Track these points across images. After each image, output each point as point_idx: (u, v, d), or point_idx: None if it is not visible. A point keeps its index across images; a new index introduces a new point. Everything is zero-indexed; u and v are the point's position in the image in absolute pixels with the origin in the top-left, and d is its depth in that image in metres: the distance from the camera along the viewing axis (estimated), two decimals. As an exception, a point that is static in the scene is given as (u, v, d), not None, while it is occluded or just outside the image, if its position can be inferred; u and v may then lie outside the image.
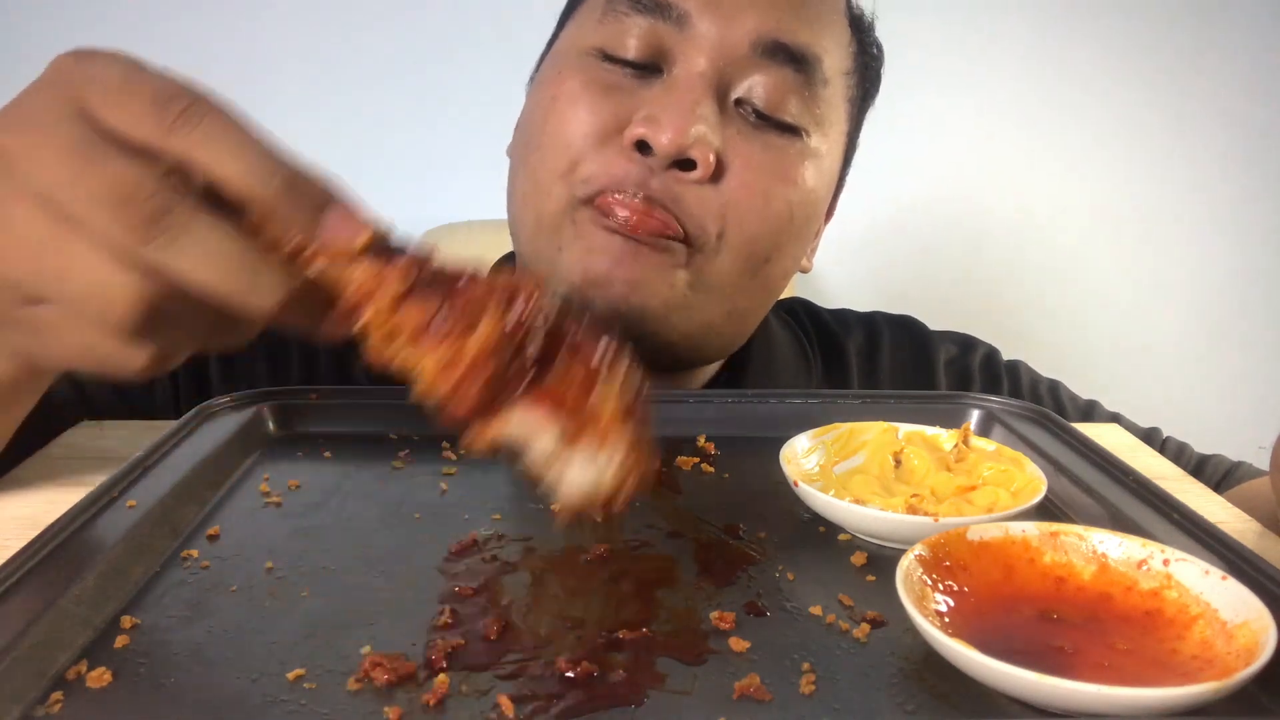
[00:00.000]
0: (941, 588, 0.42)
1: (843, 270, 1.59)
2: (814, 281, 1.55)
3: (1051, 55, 1.61)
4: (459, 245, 1.31)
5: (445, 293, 0.40)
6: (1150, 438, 0.82)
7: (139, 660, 0.39)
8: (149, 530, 0.48)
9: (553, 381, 0.40)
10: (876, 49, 0.80)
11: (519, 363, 0.40)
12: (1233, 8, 1.60)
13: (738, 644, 0.40)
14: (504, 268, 0.43)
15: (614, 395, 0.41)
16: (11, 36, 1.50)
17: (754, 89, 0.70)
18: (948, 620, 0.40)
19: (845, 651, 0.40)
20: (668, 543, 0.50)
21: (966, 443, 0.58)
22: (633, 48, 0.69)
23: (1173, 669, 0.38)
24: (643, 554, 0.49)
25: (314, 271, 0.40)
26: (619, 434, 0.41)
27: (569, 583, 0.46)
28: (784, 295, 0.84)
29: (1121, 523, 0.50)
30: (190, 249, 0.38)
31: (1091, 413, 0.89)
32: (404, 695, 0.36)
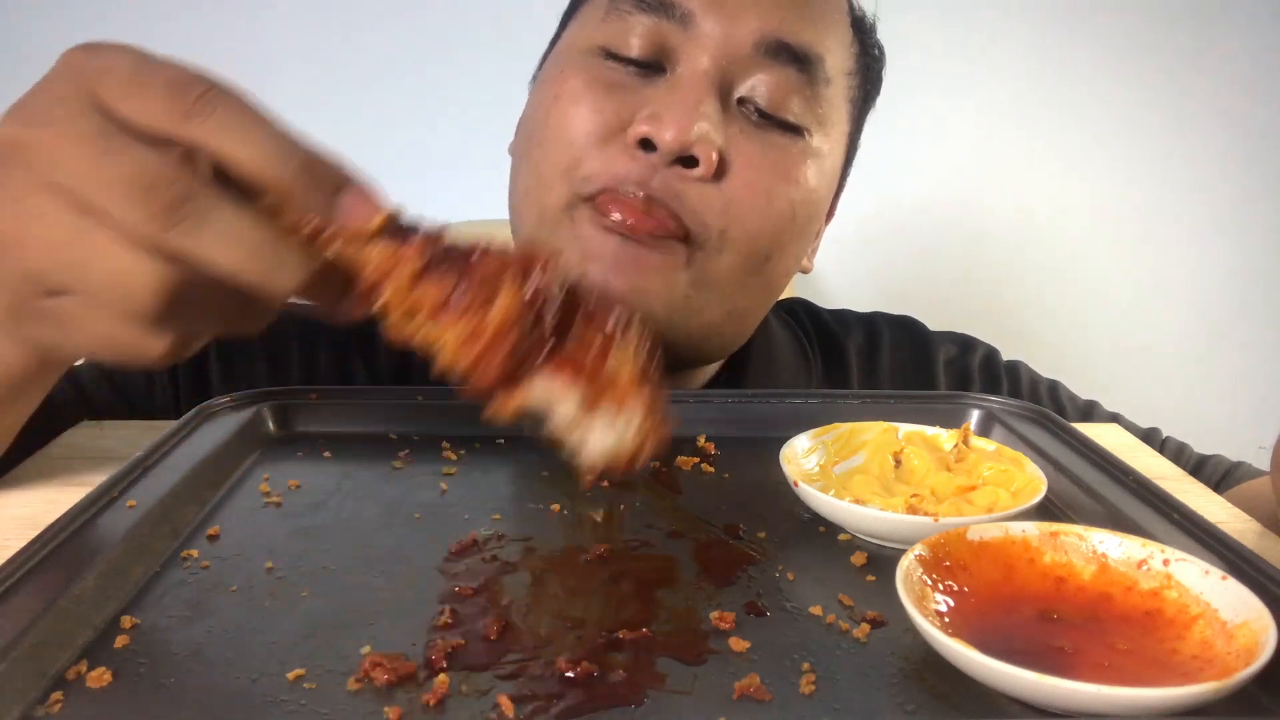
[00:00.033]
0: (941, 588, 0.42)
1: (843, 270, 1.59)
2: (814, 282, 1.55)
3: (1051, 55, 1.61)
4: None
5: (461, 268, 0.40)
6: (1150, 438, 0.82)
7: (139, 660, 0.39)
8: (149, 530, 0.48)
9: (571, 349, 0.42)
10: (878, 50, 0.81)
11: (539, 332, 0.41)
12: (1233, 8, 1.60)
13: (738, 644, 0.40)
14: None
15: (630, 360, 0.42)
16: (11, 36, 1.50)
17: (757, 88, 0.70)
18: (948, 620, 0.40)
19: (845, 651, 0.40)
20: (668, 543, 0.50)
21: (966, 443, 0.58)
22: (636, 46, 0.70)
23: (1173, 669, 0.38)
24: (643, 554, 0.49)
25: (332, 253, 0.41)
26: (636, 398, 0.42)
27: (569, 583, 0.46)
28: (784, 295, 0.84)
29: (1121, 523, 0.50)
30: (213, 233, 0.39)
31: (1091, 413, 0.89)
32: (404, 695, 0.36)
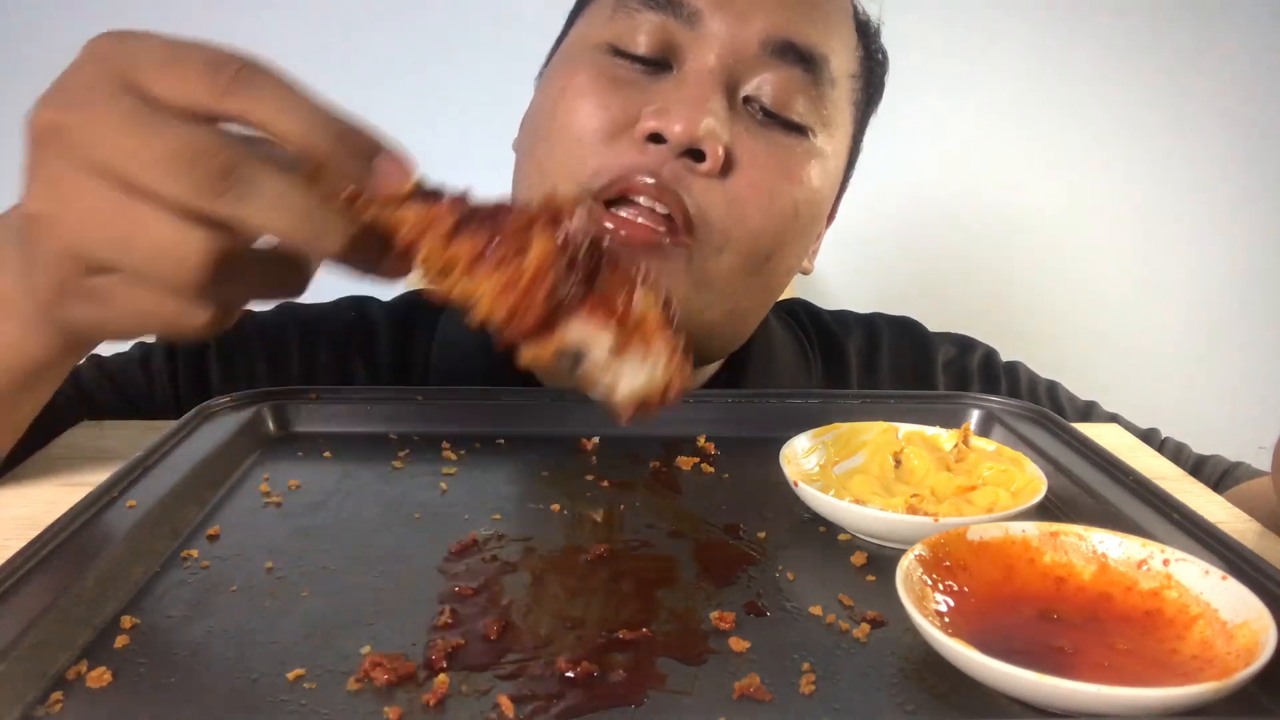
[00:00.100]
0: (941, 588, 0.42)
1: (843, 270, 1.59)
2: (814, 282, 1.55)
3: (1051, 55, 1.61)
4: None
5: (493, 223, 0.42)
6: (1149, 438, 0.82)
7: (139, 660, 0.39)
8: (149, 530, 0.48)
9: (601, 292, 0.43)
10: (882, 55, 0.81)
11: (572, 276, 0.43)
12: (1233, 8, 1.60)
13: (738, 644, 0.40)
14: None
15: (654, 304, 0.44)
16: (12, 36, 1.50)
17: (762, 87, 0.70)
18: (948, 620, 0.40)
19: (845, 651, 0.40)
20: (668, 543, 0.50)
21: (966, 443, 0.58)
22: (643, 43, 0.70)
23: (1173, 669, 0.38)
24: (643, 554, 0.49)
25: (369, 216, 0.43)
26: (662, 339, 0.44)
27: (569, 583, 0.46)
28: (784, 296, 0.84)
29: (1121, 523, 0.50)
30: (262, 198, 0.40)
31: (1090, 413, 0.90)
32: (404, 695, 0.36)
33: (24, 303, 0.48)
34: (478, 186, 0.44)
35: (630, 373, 0.44)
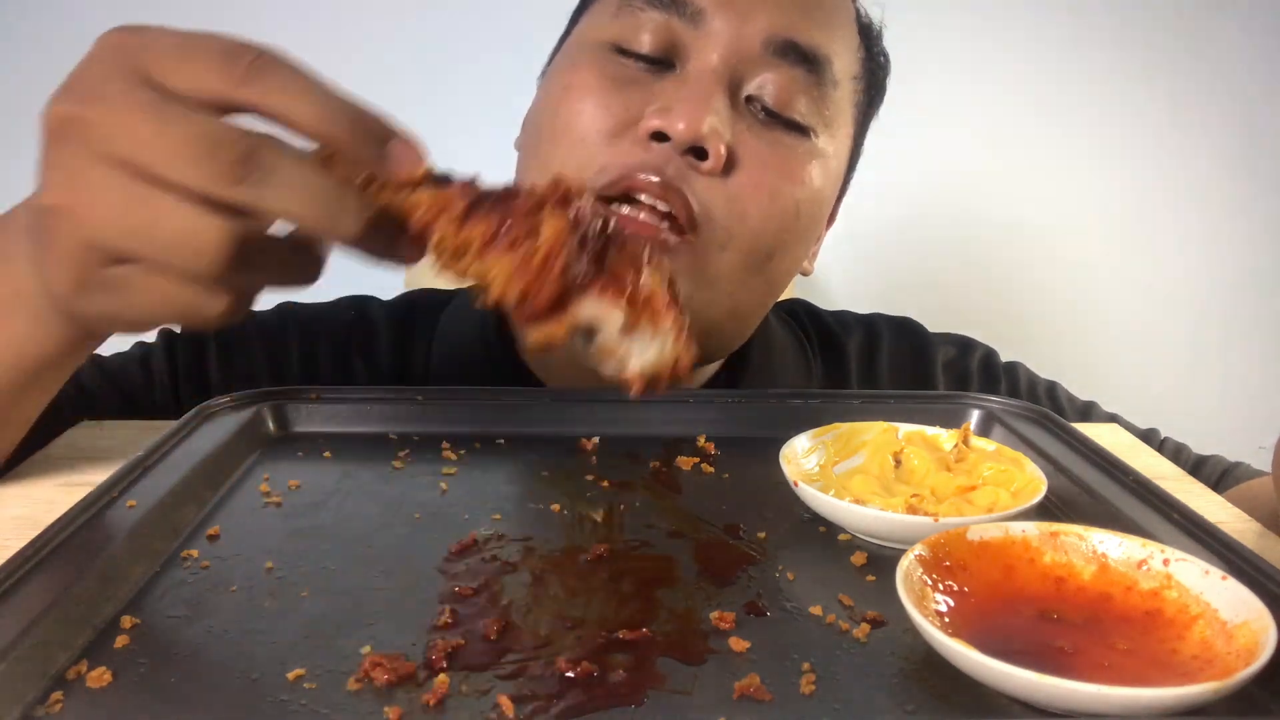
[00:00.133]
0: (941, 588, 0.42)
1: (843, 271, 1.59)
2: (814, 282, 1.55)
3: (1052, 56, 1.61)
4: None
5: (504, 205, 0.43)
6: (1149, 438, 0.82)
7: (139, 660, 0.39)
8: (149, 530, 0.48)
9: (612, 270, 0.44)
10: (883, 58, 0.81)
11: (583, 255, 0.44)
12: (1232, 8, 1.60)
13: (738, 644, 0.40)
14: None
15: (660, 284, 0.45)
16: (12, 36, 1.50)
17: (765, 87, 0.70)
18: (948, 620, 0.40)
19: (845, 651, 0.40)
20: (668, 543, 0.50)
21: (966, 443, 0.58)
22: (646, 42, 0.70)
23: (1173, 669, 0.38)
24: (643, 554, 0.49)
25: (383, 200, 0.44)
26: (669, 317, 0.45)
27: (569, 583, 0.46)
28: (784, 297, 0.84)
29: (1121, 523, 0.50)
30: (281, 184, 0.41)
31: (1090, 413, 0.90)
32: (404, 695, 0.36)
33: (37, 296, 0.48)
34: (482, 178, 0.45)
35: (640, 350, 0.45)
